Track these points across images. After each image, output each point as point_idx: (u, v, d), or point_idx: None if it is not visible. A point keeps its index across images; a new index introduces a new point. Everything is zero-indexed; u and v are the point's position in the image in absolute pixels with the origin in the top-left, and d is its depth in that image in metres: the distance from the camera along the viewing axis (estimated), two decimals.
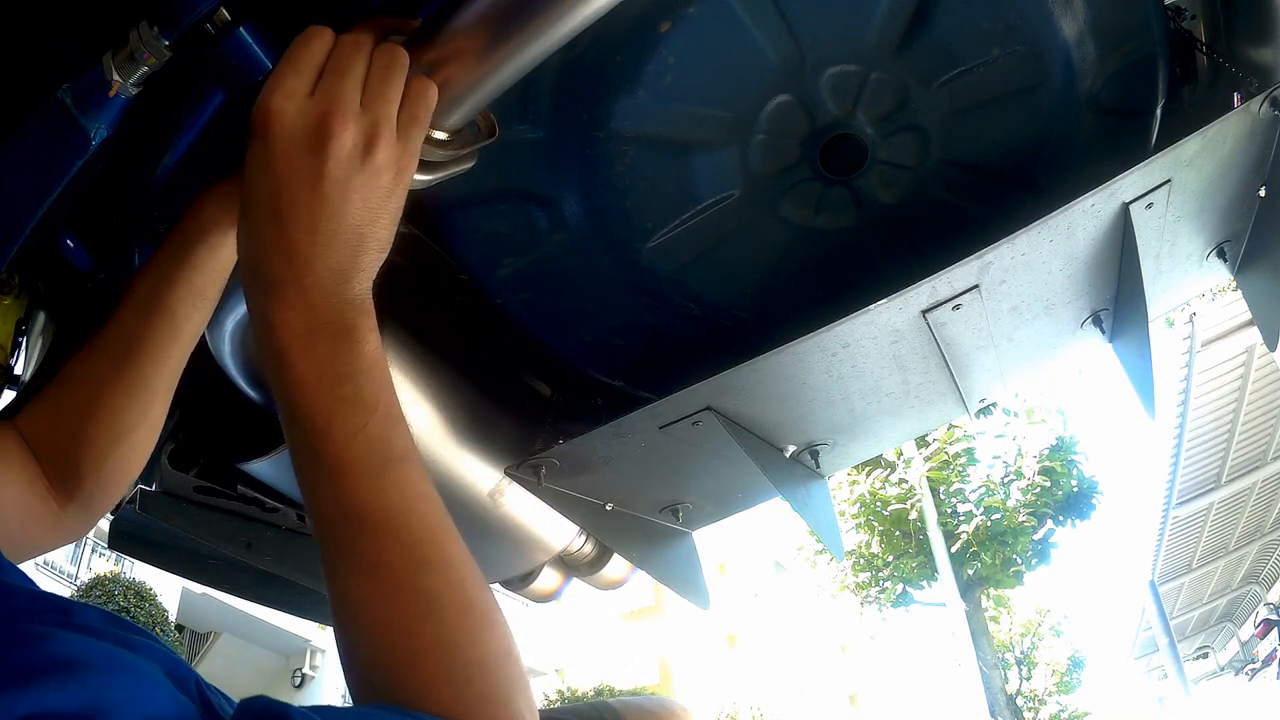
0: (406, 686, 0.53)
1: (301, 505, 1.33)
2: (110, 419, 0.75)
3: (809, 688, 27.56)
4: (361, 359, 0.57)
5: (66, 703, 0.36)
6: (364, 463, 0.56)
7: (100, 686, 0.38)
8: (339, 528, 0.56)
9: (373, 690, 0.54)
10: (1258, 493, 12.74)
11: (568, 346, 1.25)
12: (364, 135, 0.58)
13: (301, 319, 0.57)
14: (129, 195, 0.88)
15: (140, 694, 0.39)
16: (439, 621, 0.55)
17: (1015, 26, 0.95)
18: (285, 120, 0.57)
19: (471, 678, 0.54)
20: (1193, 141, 0.93)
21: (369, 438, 0.56)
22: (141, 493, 1.23)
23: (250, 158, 0.59)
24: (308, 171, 0.56)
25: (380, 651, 0.54)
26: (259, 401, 1.10)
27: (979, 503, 13.19)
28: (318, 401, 0.56)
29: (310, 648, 19.48)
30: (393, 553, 0.55)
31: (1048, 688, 19.81)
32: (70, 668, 0.38)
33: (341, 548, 0.56)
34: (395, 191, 0.60)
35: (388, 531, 0.56)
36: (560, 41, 0.67)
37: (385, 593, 0.55)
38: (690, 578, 1.46)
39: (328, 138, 0.56)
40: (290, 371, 0.57)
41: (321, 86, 0.58)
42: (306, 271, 0.57)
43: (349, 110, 0.57)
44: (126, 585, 13.48)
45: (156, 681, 0.41)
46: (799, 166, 1.07)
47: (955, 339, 1.09)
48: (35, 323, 1.11)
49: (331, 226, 0.57)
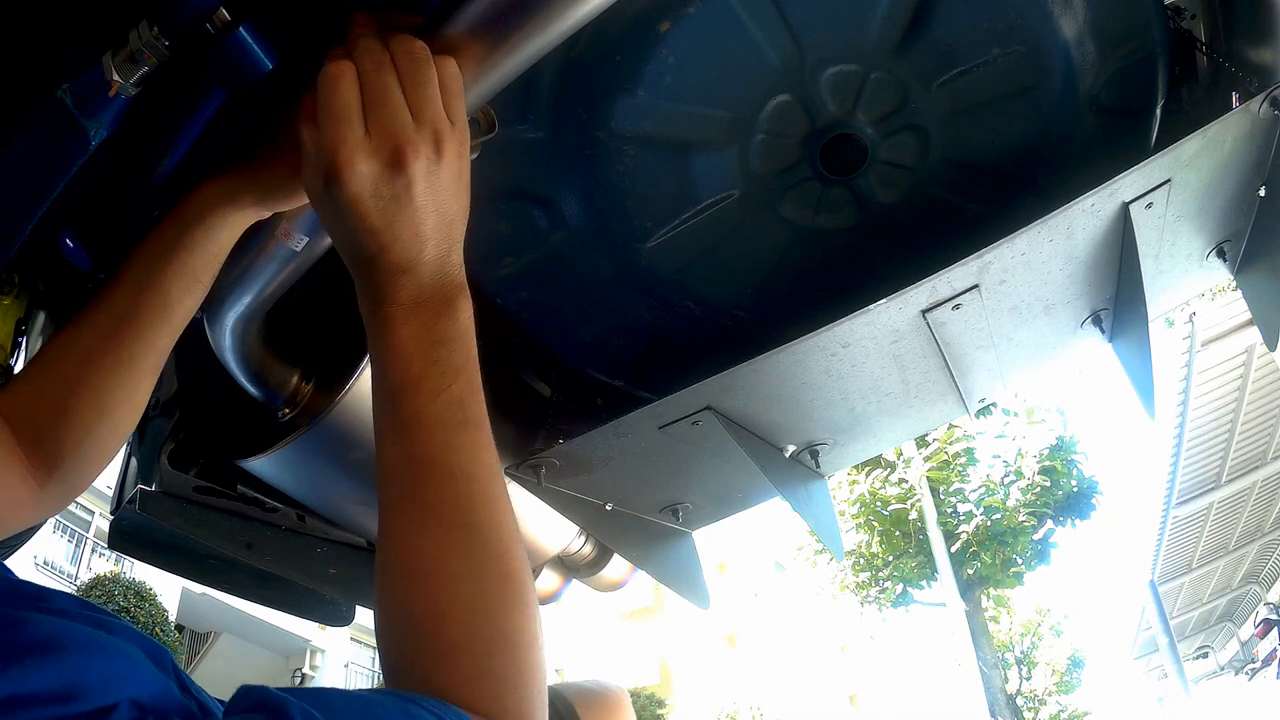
0: (434, 648, 0.54)
1: (301, 505, 1.33)
2: (95, 394, 0.75)
3: (809, 688, 27.55)
4: (456, 327, 0.63)
5: (45, 683, 0.36)
6: (442, 419, 0.60)
7: (78, 666, 0.38)
8: (405, 474, 0.60)
9: (399, 651, 0.55)
10: (1258, 493, 12.74)
11: (568, 346, 1.25)
12: (430, 145, 0.62)
13: (411, 295, 0.62)
14: (129, 195, 0.88)
15: (120, 673, 0.39)
16: (477, 582, 0.57)
17: (1015, 26, 0.95)
18: (360, 171, 0.60)
19: (494, 651, 0.55)
20: (1193, 141, 0.93)
21: (451, 398, 0.61)
22: (141, 493, 1.23)
23: (330, 206, 0.62)
24: (397, 199, 0.61)
25: (416, 606, 0.56)
26: (259, 398, 1.10)
27: (979, 503, 13.18)
28: (413, 361, 0.61)
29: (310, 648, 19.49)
30: (450, 506, 0.59)
31: (1048, 688, 19.83)
32: (47, 648, 0.38)
33: (404, 496, 0.59)
34: (464, 168, 0.65)
35: (451, 485, 0.59)
36: (561, 37, 0.67)
37: (434, 543, 0.57)
38: (690, 578, 1.46)
39: (404, 166, 0.60)
40: (394, 336, 0.62)
41: (374, 123, 0.61)
42: (418, 262, 0.62)
43: (410, 135, 0.61)
44: (126, 585, 13.50)
45: (135, 660, 0.41)
46: (799, 166, 1.07)
47: (955, 339, 1.09)
48: (35, 323, 1.11)
49: (429, 226, 0.62)
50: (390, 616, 0.57)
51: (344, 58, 0.63)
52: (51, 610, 0.44)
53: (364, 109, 0.61)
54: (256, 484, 1.25)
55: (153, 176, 0.83)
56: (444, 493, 0.59)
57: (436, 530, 0.58)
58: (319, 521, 1.38)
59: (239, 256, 0.81)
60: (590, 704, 1.33)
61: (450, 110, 0.63)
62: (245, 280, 0.87)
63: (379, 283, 0.62)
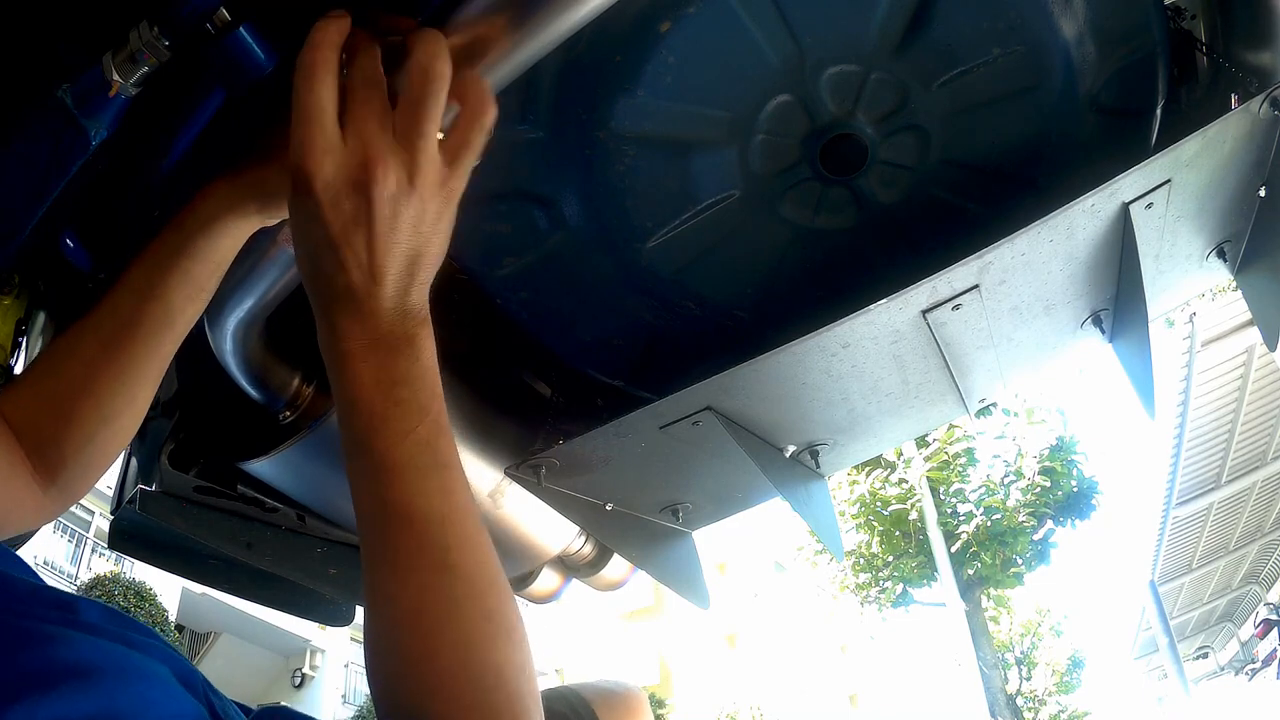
0: (424, 685, 0.55)
1: (301, 505, 1.33)
2: (98, 402, 0.75)
3: (809, 688, 27.55)
4: (418, 366, 0.61)
5: (82, 709, 0.37)
6: (411, 463, 0.59)
7: (113, 692, 0.38)
8: (380, 524, 0.59)
9: (391, 690, 0.56)
10: (1258, 493, 12.74)
11: (568, 346, 1.25)
12: (405, 169, 0.58)
13: (365, 329, 0.60)
14: (129, 195, 0.88)
15: (152, 698, 0.40)
16: (462, 622, 0.57)
17: (1015, 26, 0.95)
18: (325, 176, 0.57)
19: (485, 685, 0.55)
20: (1193, 141, 0.93)
21: (418, 440, 0.59)
22: (141, 493, 1.23)
23: (294, 211, 0.60)
24: (356, 214, 0.58)
25: (403, 648, 0.56)
26: (260, 400, 1.10)
27: (979, 503, 13.19)
28: (375, 403, 0.59)
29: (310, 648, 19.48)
30: (427, 553, 0.58)
31: (1048, 688, 19.83)
32: (83, 674, 0.38)
33: (380, 543, 0.59)
34: (445, 212, 0.61)
35: (425, 531, 0.58)
36: (565, 35, 0.67)
37: (414, 590, 0.57)
38: (690, 578, 1.46)
39: (370, 184, 0.57)
40: (351, 374, 0.60)
41: (351, 132, 0.58)
42: (369, 294, 0.59)
43: (384, 153, 0.57)
44: (126, 585, 13.49)
45: (167, 685, 0.41)
46: (799, 166, 1.07)
47: (955, 339, 1.09)
48: (35, 323, 1.11)
49: (388, 257, 0.59)
50: (379, 657, 0.57)
51: (328, 44, 0.59)
52: (80, 625, 0.44)
53: (345, 106, 0.58)
54: (256, 484, 1.25)
55: (153, 176, 0.83)
56: (420, 539, 0.58)
57: (415, 576, 0.58)
58: (319, 521, 1.38)
59: (241, 260, 0.81)
60: (608, 704, 1.32)
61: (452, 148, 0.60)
62: (247, 284, 0.87)
63: (334, 314, 0.60)
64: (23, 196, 0.77)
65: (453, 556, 0.58)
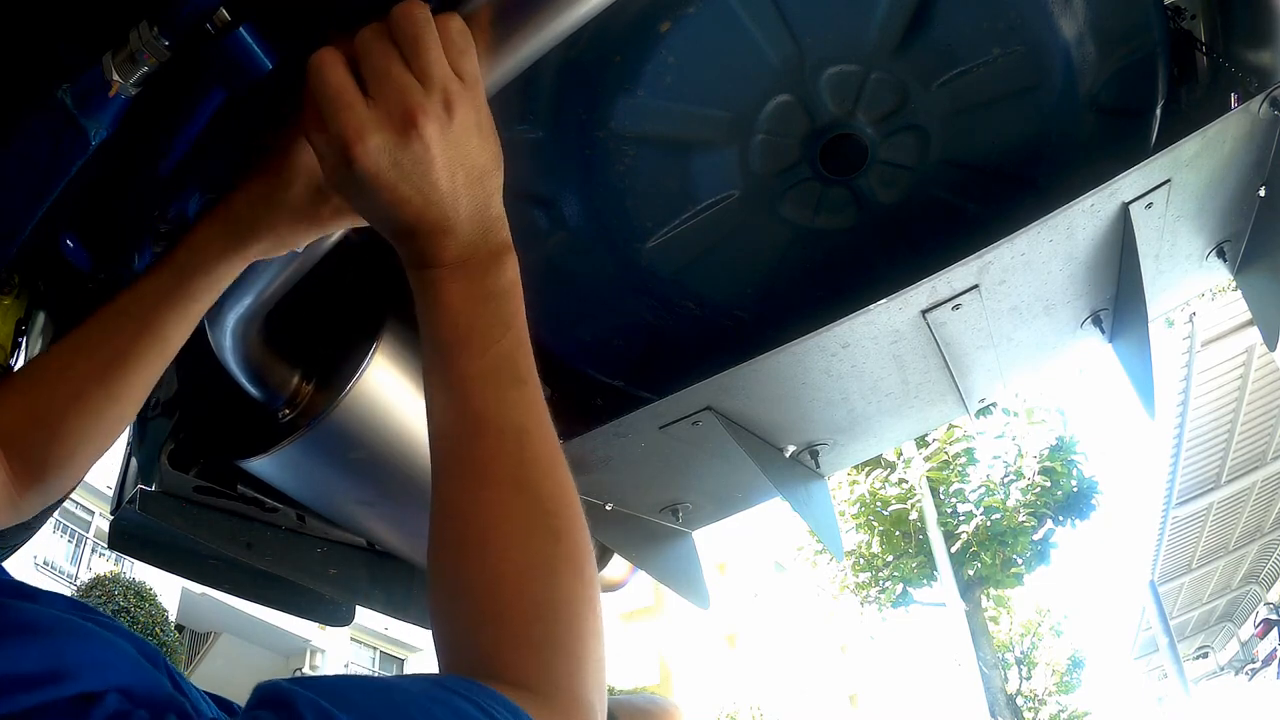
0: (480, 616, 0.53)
1: (302, 505, 1.33)
2: (85, 422, 0.76)
3: (809, 688, 27.55)
4: (504, 281, 0.63)
5: (27, 664, 0.35)
6: (492, 374, 0.60)
7: (63, 649, 0.37)
8: (457, 435, 0.59)
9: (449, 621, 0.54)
10: (1258, 493, 12.74)
11: (567, 346, 1.25)
12: (439, 105, 0.60)
13: (455, 253, 0.62)
14: (129, 195, 0.88)
15: (107, 660, 0.38)
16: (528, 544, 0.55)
17: (1015, 26, 0.95)
18: (371, 146, 0.59)
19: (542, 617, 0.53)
20: (1192, 141, 0.94)
21: (500, 353, 0.61)
22: (141, 493, 1.23)
23: (357, 190, 0.61)
24: (416, 162, 0.59)
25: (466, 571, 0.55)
26: (259, 398, 1.10)
27: (979, 503, 13.19)
28: (461, 317, 0.61)
29: (310, 648, 19.48)
30: (502, 464, 0.58)
31: (1048, 688, 19.83)
32: (31, 631, 0.37)
33: (455, 457, 0.59)
34: (482, 119, 0.63)
35: (501, 442, 0.58)
36: (565, 34, 0.67)
37: (485, 506, 0.56)
38: (690, 578, 1.46)
39: (417, 130, 0.59)
40: (441, 294, 0.61)
41: (377, 94, 0.59)
42: (457, 219, 0.61)
43: (418, 99, 0.59)
44: (126, 585, 13.49)
45: (121, 651, 0.39)
46: (799, 166, 1.07)
47: (955, 339, 1.09)
48: (35, 323, 1.11)
49: (460, 181, 0.61)
50: (442, 581, 0.56)
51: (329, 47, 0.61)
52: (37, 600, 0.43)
53: (367, 85, 0.60)
54: (256, 484, 1.25)
55: (153, 176, 0.83)
56: (495, 450, 0.58)
57: (486, 492, 0.57)
58: (319, 521, 1.38)
59: None
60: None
61: (458, 67, 0.62)
62: (246, 282, 0.87)
63: (421, 248, 0.62)
64: (23, 196, 0.77)
65: (527, 472, 0.58)
